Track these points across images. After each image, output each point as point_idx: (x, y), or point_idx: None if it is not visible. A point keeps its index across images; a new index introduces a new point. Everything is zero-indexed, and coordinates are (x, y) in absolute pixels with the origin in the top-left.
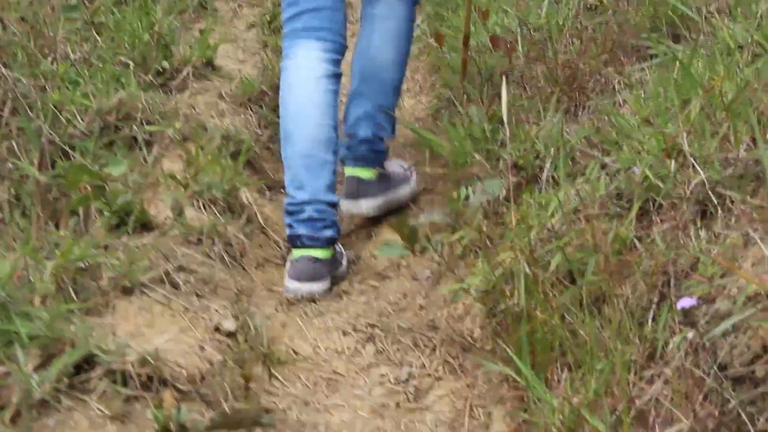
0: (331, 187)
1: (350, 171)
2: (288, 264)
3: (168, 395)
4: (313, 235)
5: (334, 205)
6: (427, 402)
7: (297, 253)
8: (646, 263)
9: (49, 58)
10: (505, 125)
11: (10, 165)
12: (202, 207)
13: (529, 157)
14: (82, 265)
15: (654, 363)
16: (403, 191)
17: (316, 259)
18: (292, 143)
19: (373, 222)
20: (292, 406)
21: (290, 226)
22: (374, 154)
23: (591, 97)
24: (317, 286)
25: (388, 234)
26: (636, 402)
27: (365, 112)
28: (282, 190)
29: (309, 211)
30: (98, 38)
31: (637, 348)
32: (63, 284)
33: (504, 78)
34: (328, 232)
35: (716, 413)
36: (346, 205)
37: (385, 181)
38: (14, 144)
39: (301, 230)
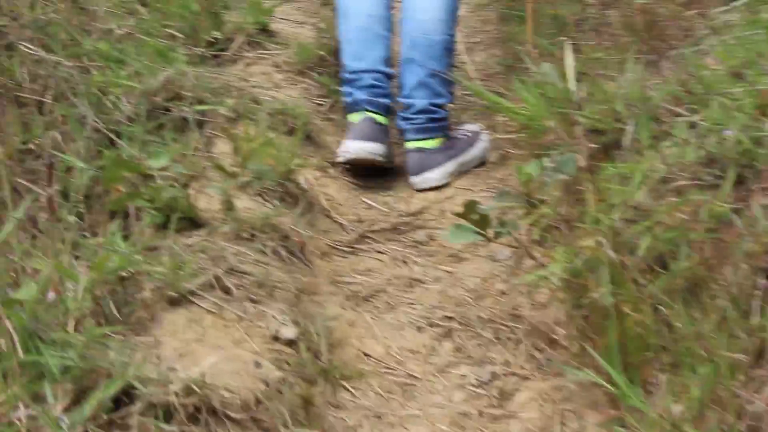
0: (387, 61)
1: (412, 144)
2: (348, 131)
3: None
4: (373, 100)
5: (389, 77)
6: (512, 407)
7: (357, 116)
8: (746, 243)
9: (93, 36)
10: (573, 89)
11: (47, 158)
12: (257, 195)
13: (608, 120)
14: (123, 274)
15: (764, 361)
16: (474, 151)
17: (377, 122)
18: (349, 18)
19: (445, 195)
20: (363, 422)
21: (349, 93)
22: (434, 122)
23: (672, 44)
24: (378, 147)
25: (460, 209)
26: (746, 410)
27: (419, 81)
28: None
29: (367, 79)
30: (144, 10)
31: (743, 344)
32: (102, 299)
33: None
34: (386, 100)
35: None
36: (414, 181)
37: (451, 146)
38: (58, 134)
39: (361, 95)
